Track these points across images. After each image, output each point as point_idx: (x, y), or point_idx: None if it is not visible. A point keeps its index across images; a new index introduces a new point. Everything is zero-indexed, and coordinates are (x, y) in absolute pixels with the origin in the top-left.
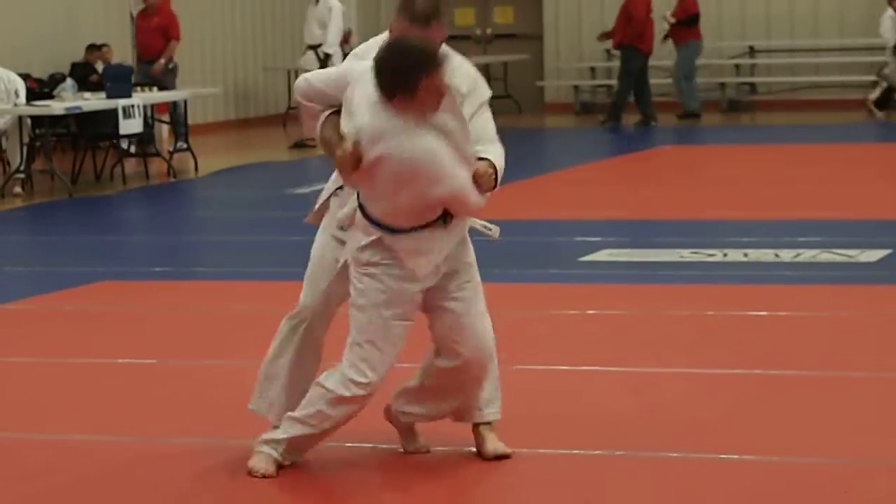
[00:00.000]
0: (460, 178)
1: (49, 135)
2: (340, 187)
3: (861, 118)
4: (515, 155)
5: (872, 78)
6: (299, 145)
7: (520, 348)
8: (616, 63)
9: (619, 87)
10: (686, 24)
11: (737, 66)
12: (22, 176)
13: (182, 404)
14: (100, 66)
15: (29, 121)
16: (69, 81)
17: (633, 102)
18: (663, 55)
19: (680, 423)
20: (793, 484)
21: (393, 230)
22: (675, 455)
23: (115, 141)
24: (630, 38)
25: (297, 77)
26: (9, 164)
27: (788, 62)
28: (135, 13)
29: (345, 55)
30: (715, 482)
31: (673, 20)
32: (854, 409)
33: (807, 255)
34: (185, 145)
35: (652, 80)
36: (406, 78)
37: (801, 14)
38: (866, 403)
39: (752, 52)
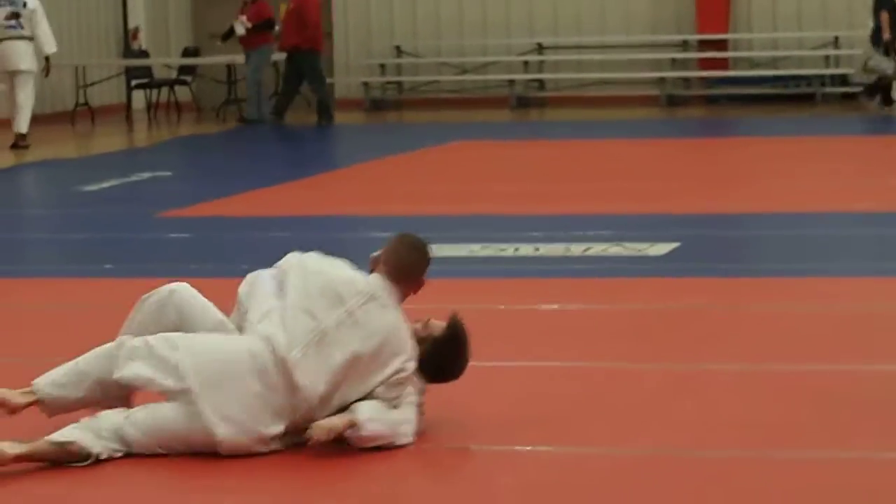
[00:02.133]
0: None
1: None
2: None
3: (646, 114)
4: (305, 152)
5: (657, 74)
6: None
7: None
8: (404, 60)
9: (320, 87)
10: (260, 30)
11: (525, 62)
12: None
13: None
14: None
15: None
16: None
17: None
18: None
19: (475, 417)
20: (588, 473)
21: None
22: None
23: None
24: (309, 41)
25: (84, 73)
26: None
27: (576, 59)
28: None
29: (127, 48)
30: (512, 473)
31: (249, 25)
32: (645, 400)
33: (597, 248)
34: None
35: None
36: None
37: (588, 12)
38: (654, 394)
39: (540, 48)
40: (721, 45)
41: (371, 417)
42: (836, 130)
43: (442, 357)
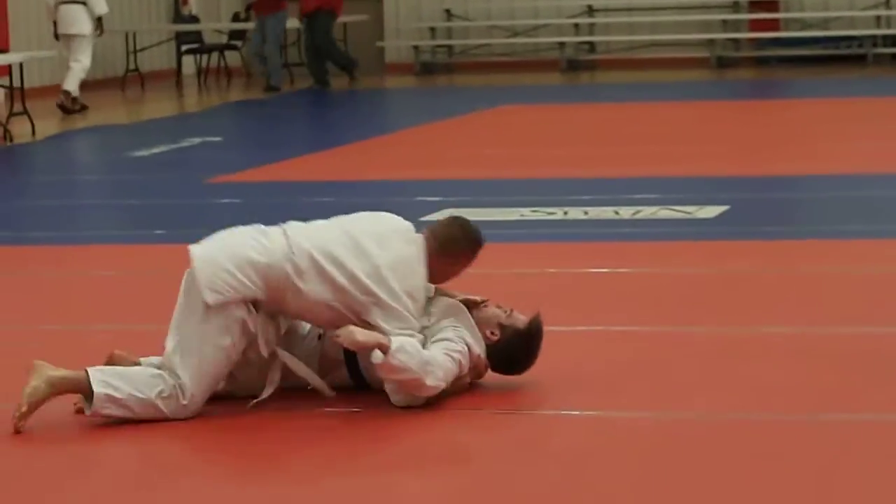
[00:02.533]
0: None
1: None
2: None
3: (696, 76)
4: (356, 117)
5: (707, 35)
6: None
7: None
8: (455, 23)
9: (330, 49)
10: None
11: (576, 25)
12: None
13: (19, 371)
14: None
15: None
16: None
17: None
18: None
19: (524, 381)
20: (636, 438)
21: None
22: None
23: None
24: (330, 3)
25: (134, 39)
26: None
27: (626, 21)
28: None
29: (177, 13)
30: (560, 437)
31: None
32: (696, 364)
33: (646, 212)
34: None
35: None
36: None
37: None
38: (705, 357)
39: (590, 10)
40: (772, 5)
41: (402, 348)
42: (887, 91)
43: (517, 349)
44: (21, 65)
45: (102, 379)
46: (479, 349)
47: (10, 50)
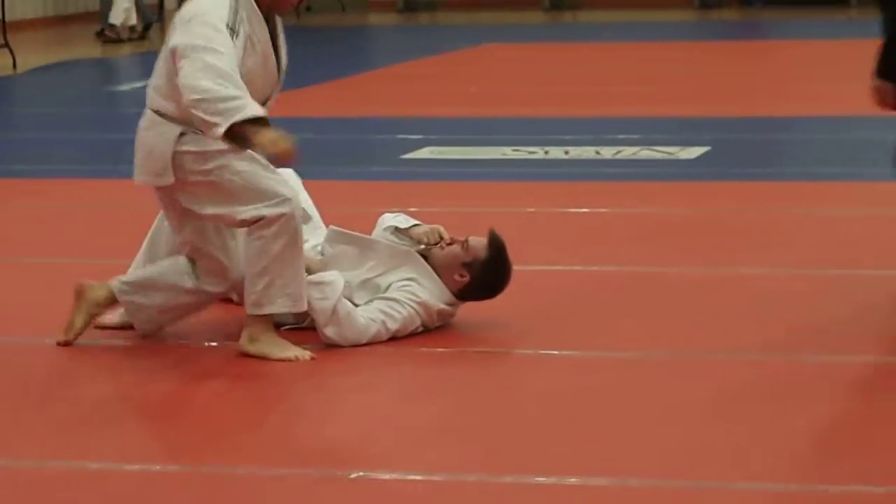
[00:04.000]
0: None
1: None
2: None
3: (680, 16)
4: (338, 53)
5: None
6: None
7: None
8: None
9: None
10: None
11: None
12: None
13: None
14: None
15: None
16: None
17: None
18: None
19: (502, 321)
20: (615, 377)
21: None
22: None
23: None
24: None
25: None
26: None
27: None
28: None
29: None
30: (539, 377)
31: None
32: (674, 304)
33: (627, 152)
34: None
35: None
36: None
37: None
38: (683, 297)
39: None
40: None
41: (320, 283)
42: (870, 34)
43: (490, 279)
44: None
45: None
46: (441, 299)
47: None
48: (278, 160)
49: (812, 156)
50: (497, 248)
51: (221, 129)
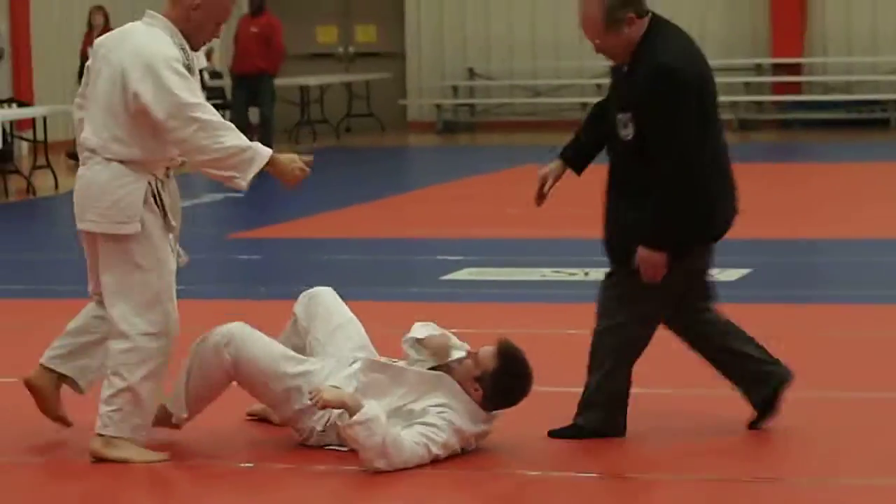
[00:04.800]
0: None
1: None
2: None
3: None
4: (378, 174)
5: (730, 98)
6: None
7: None
8: (478, 82)
9: (271, 115)
10: None
11: (598, 85)
12: None
13: (39, 423)
14: None
15: None
16: None
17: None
18: None
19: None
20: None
21: None
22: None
23: None
24: (274, 65)
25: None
26: None
27: None
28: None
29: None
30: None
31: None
32: (709, 427)
33: None
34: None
35: None
36: None
37: (520, 38)
38: (728, 421)
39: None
40: (795, 69)
41: (367, 422)
42: None
43: (503, 384)
44: (45, 118)
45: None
46: (475, 418)
47: (35, 103)
48: (291, 186)
49: (854, 278)
50: (505, 355)
51: (244, 183)
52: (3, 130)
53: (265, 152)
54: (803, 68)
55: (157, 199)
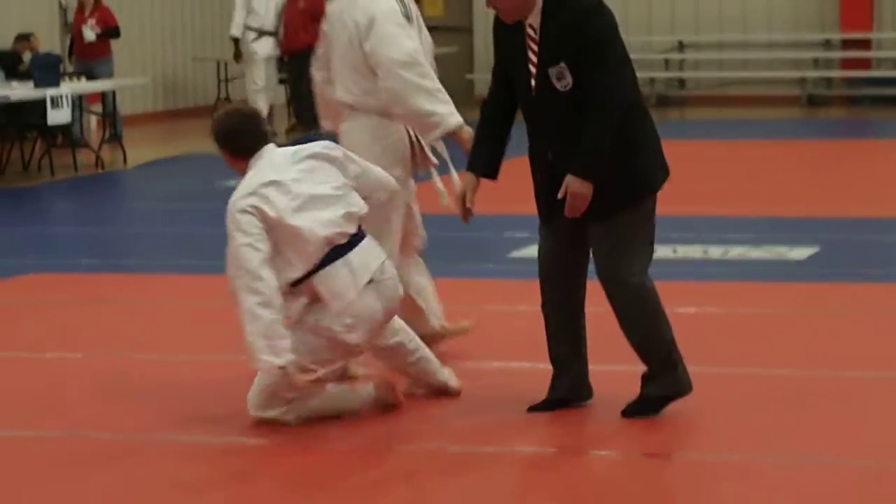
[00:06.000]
0: None
1: None
2: None
3: (787, 114)
4: (445, 147)
5: (798, 73)
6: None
7: (453, 343)
8: None
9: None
10: (107, 37)
11: (666, 60)
12: None
13: (110, 398)
14: (27, 56)
15: None
16: None
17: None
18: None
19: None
20: (727, 479)
21: None
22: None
23: (43, 131)
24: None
25: (226, 67)
26: None
27: (716, 57)
28: (64, 4)
29: None
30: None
31: (98, 30)
32: (780, 407)
33: (736, 251)
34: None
35: None
36: None
37: (730, 9)
38: (793, 400)
39: (680, 46)
40: (864, 44)
41: None
42: None
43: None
44: (113, 92)
45: None
46: None
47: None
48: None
49: None
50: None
51: (426, 143)
52: (73, 104)
53: (450, 123)
54: (872, 43)
55: (417, 142)
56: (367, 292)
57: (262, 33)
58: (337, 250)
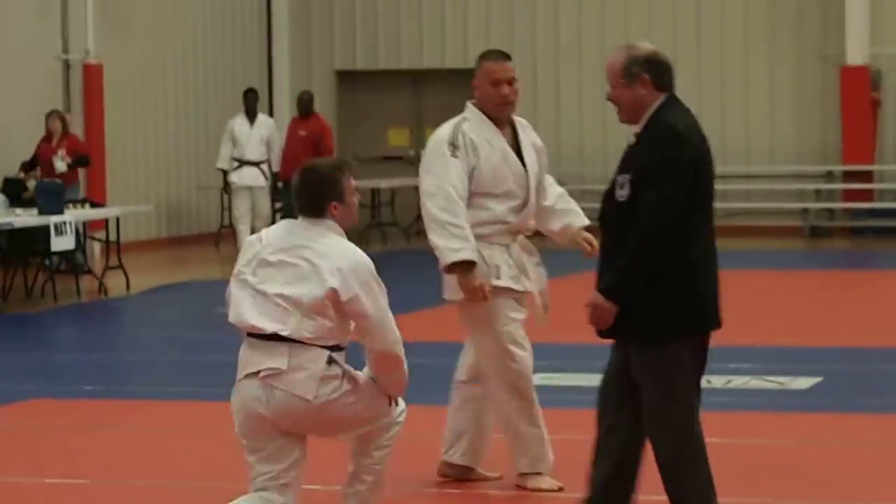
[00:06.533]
0: None
1: None
2: None
3: (790, 245)
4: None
5: (801, 205)
6: None
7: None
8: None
9: None
10: (77, 166)
11: None
12: None
13: None
14: (31, 184)
15: None
16: (0, 197)
17: None
18: None
19: None
20: None
21: None
22: None
23: (46, 257)
24: None
25: (229, 196)
26: None
27: (721, 188)
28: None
29: (270, 171)
30: None
31: (69, 160)
32: None
33: (738, 381)
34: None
35: None
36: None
37: (733, 141)
38: None
39: None
40: (866, 176)
41: None
42: None
43: None
44: (118, 219)
45: None
46: None
47: (107, 204)
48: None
49: None
50: None
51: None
52: (77, 231)
53: (446, 259)
54: (874, 175)
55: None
56: None
57: (242, 163)
58: None
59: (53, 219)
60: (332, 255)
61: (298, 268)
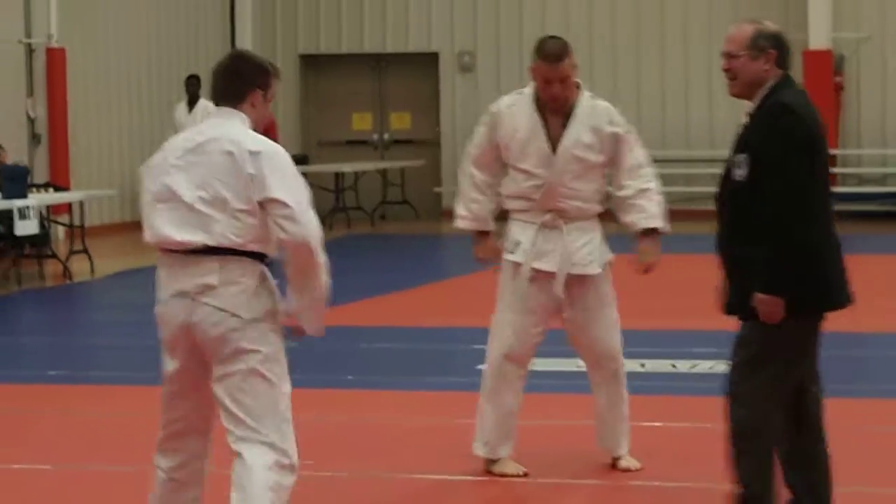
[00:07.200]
0: None
1: None
2: None
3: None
4: (413, 260)
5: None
6: None
7: (420, 455)
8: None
9: None
10: None
11: None
12: None
13: None
14: None
15: None
16: None
17: None
18: None
19: None
20: None
21: None
22: None
23: (10, 242)
24: None
25: None
26: None
27: (684, 172)
28: (32, 115)
29: None
30: None
31: None
32: None
33: (703, 365)
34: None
35: None
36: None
37: (697, 125)
38: None
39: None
40: (829, 160)
41: None
42: None
43: None
44: (81, 203)
45: None
46: None
47: (71, 188)
48: None
49: (892, 372)
50: None
51: None
52: (40, 215)
53: (455, 222)
54: (837, 159)
55: None
56: None
57: None
58: None
59: (17, 203)
60: (247, 142)
61: (212, 164)
